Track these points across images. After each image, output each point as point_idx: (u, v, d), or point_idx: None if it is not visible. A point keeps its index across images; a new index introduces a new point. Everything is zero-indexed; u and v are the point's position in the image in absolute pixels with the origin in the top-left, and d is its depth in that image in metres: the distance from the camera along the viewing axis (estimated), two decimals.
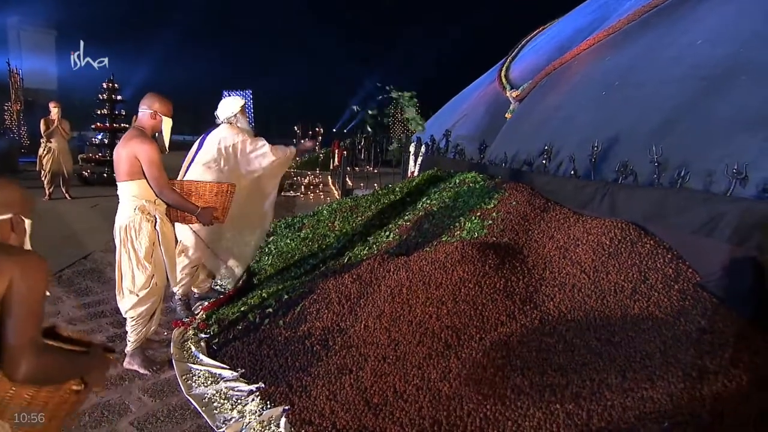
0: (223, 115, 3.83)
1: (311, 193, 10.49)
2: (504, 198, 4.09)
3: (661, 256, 2.73)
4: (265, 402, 2.46)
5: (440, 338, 2.61)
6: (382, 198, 5.50)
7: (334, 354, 2.74)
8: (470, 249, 3.27)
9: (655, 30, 4.85)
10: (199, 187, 3.18)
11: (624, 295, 2.53)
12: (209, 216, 3.11)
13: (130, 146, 2.86)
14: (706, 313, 2.29)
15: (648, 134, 3.54)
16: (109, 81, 11.28)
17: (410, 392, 2.28)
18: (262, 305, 3.45)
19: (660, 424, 1.88)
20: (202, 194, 3.16)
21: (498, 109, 6.64)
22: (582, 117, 4.57)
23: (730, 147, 2.92)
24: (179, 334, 3.28)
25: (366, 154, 15.25)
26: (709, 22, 4.23)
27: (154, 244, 2.89)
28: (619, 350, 2.23)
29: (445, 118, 8.53)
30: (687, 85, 3.69)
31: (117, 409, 2.55)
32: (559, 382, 2.17)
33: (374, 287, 3.22)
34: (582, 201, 3.63)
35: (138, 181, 2.87)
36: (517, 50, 8.69)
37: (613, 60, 5.02)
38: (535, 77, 6.25)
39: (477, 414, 2.11)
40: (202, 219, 3.09)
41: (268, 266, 4.57)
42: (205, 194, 3.17)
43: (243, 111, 3.88)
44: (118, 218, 2.90)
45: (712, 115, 3.28)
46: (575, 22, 7.48)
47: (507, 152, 5.16)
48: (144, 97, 3.04)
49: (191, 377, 2.78)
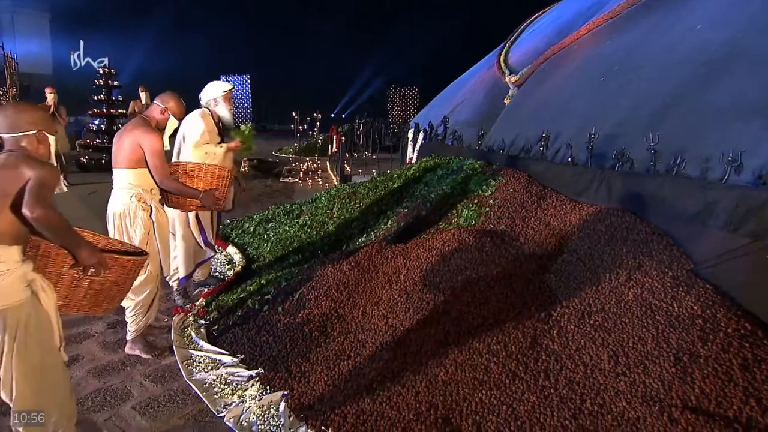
0: (205, 98, 3.74)
1: (309, 180, 10.48)
2: (501, 185, 4.10)
3: (656, 243, 2.76)
4: (264, 387, 2.51)
5: (437, 324, 2.65)
6: (380, 185, 5.51)
7: (333, 340, 2.78)
8: (467, 236, 3.29)
9: (655, 14, 4.81)
10: (202, 169, 3.21)
11: (619, 281, 2.56)
12: (212, 198, 3.13)
13: (134, 134, 2.87)
14: (699, 299, 2.32)
15: (646, 121, 3.54)
16: (106, 66, 11.19)
17: (407, 377, 2.33)
18: (261, 292, 3.48)
19: (651, 407, 1.92)
20: (204, 176, 3.18)
21: (497, 95, 6.60)
22: (580, 103, 4.56)
23: (727, 134, 2.92)
24: (179, 321, 3.32)
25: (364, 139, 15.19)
26: (709, 6, 4.20)
27: (149, 233, 2.91)
28: (612, 335, 2.27)
29: (443, 104, 8.49)
30: (685, 71, 3.67)
31: (119, 394, 2.59)
32: (554, 367, 2.22)
33: (372, 274, 3.25)
34: (579, 188, 3.64)
35: (137, 170, 2.88)
36: (517, 34, 8.61)
37: (612, 45, 4.99)
38: (534, 62, 6.21)
39: (473, 398, 2.15)
40: (205, 201, 3.10)
41: (267, 253, 4.60)
42: (206, 176, 3.19)
43: (227, 98, 3.72)
44: (111, 204, 2.91)
45: (709, 101, 3.27)
46: (575, 6, 7.40)
47: (505, 138, 5.15)
48: (163, 93, 3.10)
49: (192, 363, 2.82)
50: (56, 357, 1.90)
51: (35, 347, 1.80)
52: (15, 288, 1.73)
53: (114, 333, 3.26)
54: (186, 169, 3.18)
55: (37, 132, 1.87)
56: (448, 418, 2.09)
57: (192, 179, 3.15)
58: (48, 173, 1.78)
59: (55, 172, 1.84)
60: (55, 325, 1.88)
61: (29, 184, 1.72)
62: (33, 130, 1.86)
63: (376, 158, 12.74)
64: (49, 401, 1.87)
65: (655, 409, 1.92)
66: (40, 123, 1.89)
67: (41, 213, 1.69)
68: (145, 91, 9.49)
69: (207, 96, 3.73)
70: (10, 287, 1.72)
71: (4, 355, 1.75)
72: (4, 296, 1.71)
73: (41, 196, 1.71)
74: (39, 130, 1.88)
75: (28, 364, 1.78)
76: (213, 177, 3.20)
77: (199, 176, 3.17)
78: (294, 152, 15.79)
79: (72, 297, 2.01)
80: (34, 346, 1.79)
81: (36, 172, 1.74)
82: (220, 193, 3.21)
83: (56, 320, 1.88)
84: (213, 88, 3.75)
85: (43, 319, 1.83)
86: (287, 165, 11.83)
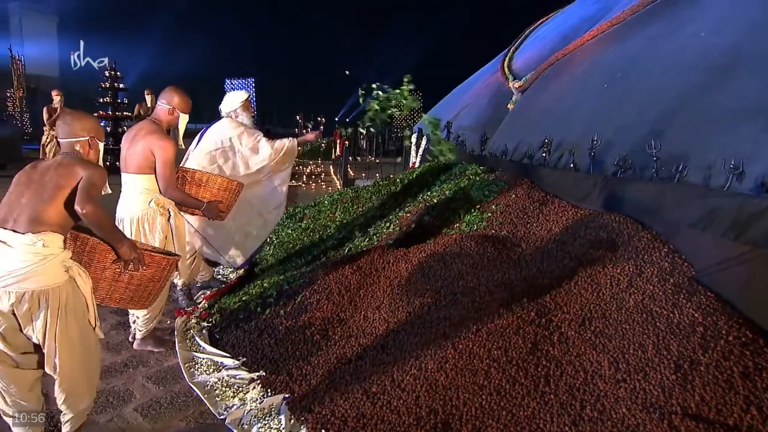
0: (225, 109, 3.87)
1: (313, 183, 10.51)
2: (503, 191, 4.11)
3: (657, 249, 2.76)
4: (265, 390, 2.52)
5: (437, 329, 2.65)
6: (383, 189, 5.53)
7: (334, 344, 2.79)
8: (469, 241, 3.30)
9: (659, 21, 4.82)
10: (209, 179, 3.20)
11: (620, 288, 2.56)
12: (215, 210, 3.13)
13: (147, 141, 2.85)
14: (700, 307, 2.32)
15: (648, 127, 3.55)
16: (112, 69, 11.26)
17: (408, 382, 2.33)
18: (263, 295, 3.49)
19: (651, 414, 1.92)
20: (210, 187, 3.18)
21: (501, 100, 6.62)
22: (583, 109, 4.57)
23: (729, 140, 2.93)
24: (182, 323, 3.34)
25: (368, 144, 15.22)
26: (712, 13, 4.21)
27: (167, 237, 2.93)
28: (613, 342, 2.27)
29: (446, 109, 8.51)
30: (688, 78, 3.68)
31: (121, 396, 2.61)
32: (554, 373, 2.22)
33: (374, 278, 3.26)
34: (581, 194, 3.65)
35: (151, 176, 2.89)
36: (521, 40, 8.63)
37: (616, 51, 5.00)
38: (538, 68, 6.23)
39: (473, 403, 2.15)
40: (207, 213, 3.12)
41: (269, 256, 4.62)
42: (213, 187, 3.18)
43: (246, 106, 3.88)
44: (126, 210, 2.91)
45: (712, 107, 3.27)
46: (580, 12, 7.42)
47: (508, 144, 5.16)
48: (164, 91, 3.02)
49: (194, 365, 2.84)
50: (93, 335, 2.10)
51: (74, 324, 1.99)
52: (56, 271, 1.92)
53: (117, 334, 3.28)
54: (194, 177, 3.17)
55: (89, 138, 2.17)
56: (448, 423, 2.10)
57: (199, 188, 3.15)
58: (98, 174, 2.03)
59: (103, 174, 2.08)
60: (91, 307, 2.06)
61: (81, 182, 1.97)
62: (86, 136, 2.15)
63: (379, 162, 12.75)
64: (88, 374, 2.10)
65: (655, 416, 1.92)
66: (92, 130, 2.18)
67: (90, 209, 1.93)
68: (151, 94, 9.55)
69: (228, 107, 3.87)
70: (53, 270, 1.90)
71: (47, 331, 1.92)
72: (47, 277, 1.89)
73: (91, 194, 1.96)
74: (91, 137, 2.17)
75: (68, 340, 1.97)
76: (220, 189, 3.20)
77: (206, 186, 3.17)
78: (297, 155, 15.83)
79: (113, 290, 2.22)
80: (73, 323, 1.98)
81: (88, 172, 1.99)
82: (224, 206, 3.22)
83: (92, 303, 2.06)
84: (232, 98, 3.89)
85: (80, 300, 2.02)
86: None
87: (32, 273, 1.85)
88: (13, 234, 1.86)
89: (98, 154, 2.23)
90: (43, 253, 1.87)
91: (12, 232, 1.86)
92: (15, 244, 1.85)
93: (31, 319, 1.91)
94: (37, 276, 1.86)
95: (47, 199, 1.94)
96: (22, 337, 1.96)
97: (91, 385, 2.13)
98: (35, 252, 1.85)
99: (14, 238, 1.85)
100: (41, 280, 1.87)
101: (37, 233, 1.87)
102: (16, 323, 1.91)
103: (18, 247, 1.84)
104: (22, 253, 1.84)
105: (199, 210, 3.10)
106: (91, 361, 2.10)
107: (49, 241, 1.89)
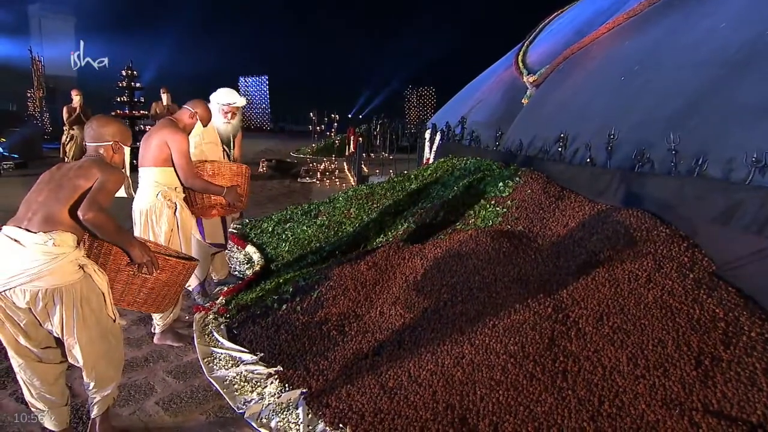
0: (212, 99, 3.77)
1: (327, 180, 10.54)
2: (519, 186, 4.09)
3: (676, 244, 2.72)
4: (283, 385, 2.55)
5: (454, 325, 2.65)
6: (397, 186, 5.53)
7: (351, 339, 2.81)
8: (484, 237, 3.29)
9: (676, 13, 4.74)
10: (221, 167, 3.34)
11: (638, 283, 2.54)
12: (235, 193, 3.26)
13: (162, 134, 3.00)
14: (721, 302, 2.29)
15: (666, 121, 3.50)
16: (128, 68, 11.41)
17: (424, 377, 2.34)
18: (280, 291, 3.53)
19: (671, 411, 1.91)
20: (224, 174, 3.31)
21: (515, 95, 6.57)
22: (600, 103, 4.52)
23: (750, 134, 2.87)
24: (200, 319, 3.38)
25: (381, 140, 15.21)
26: (730, 5, 4.12)
27: (172, 230, 3.05)
28: (632, 337, 2.25)
29: (460, 104, 8.46)
30: (707, 71, 3.61)
31: (143, 389, 2.66)
32: (571, 369, 2.20)
33: (390, 274, 3.27)
34: (598, 189, 3.61)
35: (163, 168, 3.02)
36: (535, 34, 8.54)
37: (632, 44, 4.93)
38: (553, 62, 6.16)
39: (489, 399, 2.15)
40: (229, 197, 3.23)
41: (285, 253, 4.65)
42: (226, 174, 3.32)
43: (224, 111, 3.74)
44: (138, 203, 3.04)
45: (732, 101, 3.21)
46: (594, 5, 7.31)
47: (522, 139, 5.12)
48: (193, 99, 3.29)
49: (212, 360, 2.88)
50: (113, 326, 2.13)
51: (92, 318, 2.02)
52: (68, 269, 1.93)
53: (138, 329, 3.34)
54: (206, 170, 3.27)
55: (114, 143, 2.19)
56: (464, 418, 2.10)
57: (213, 178, 3.25)
58: (114, 178, 2.05)
59: (120, 177, 2.10)
60: (108, 301, 2.08)
61: (94, 185, 1.98)
62: (110, 141, 2.18)
63: (393, 159, 12.74)
64: (112, 363, 2.14)
65: (675, 412, 1.90)
66: (117, 135, 2.21)
67: (91, 215, 1.92)
68: (167, 93, 9.66)
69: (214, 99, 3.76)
70: (65, 268, 1.92)
71: (65, 326, 1.96)
72: (59, 276, 1.91)
73: (97, 199, 1.95)
74: (116, 142, 2.20)
75: (87, 333, 2.01)
76: (233, 174, 3.33)
77: (220, 174, 3.30)
78: (311, 153, 15.90)
79: (127, 293, 2.23)
80: (91, 316, 2.01)
81: (104, 175, 2.01)
82: (241, 190, 3.32)
83: (108, 297, 2.09)
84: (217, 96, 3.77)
85: (96, 294, 2.04)
86: (305, 165, 11.92)
87: (44, 272, 1.86)
88: (26, 233, 1.89)
89: (122, 159, 2.25)
90: (54, 252, 1.88)
91: (25, 231, 1.89)
92: (27, 242, 1.87)
93: (48, 315, 1.95)
94: (49, 275, 1.88)
95: (62, 199, 1.96)
96: (43, 332, 2.01)
97: (117, 372, 2.17)
98: (46, 251, 1.87)
99: (27, 237, 1.88)
100: (53, 278, 1.89)
101: (49, 232, 1.89)
102: (35, 319, 1.96)
103: (30, 246, 1.87)
104: (34, 252, 1.86)
105: (221, 196, 3.20)
106: (113, 351, 2.13)
107: (60, 240, 1.90)
